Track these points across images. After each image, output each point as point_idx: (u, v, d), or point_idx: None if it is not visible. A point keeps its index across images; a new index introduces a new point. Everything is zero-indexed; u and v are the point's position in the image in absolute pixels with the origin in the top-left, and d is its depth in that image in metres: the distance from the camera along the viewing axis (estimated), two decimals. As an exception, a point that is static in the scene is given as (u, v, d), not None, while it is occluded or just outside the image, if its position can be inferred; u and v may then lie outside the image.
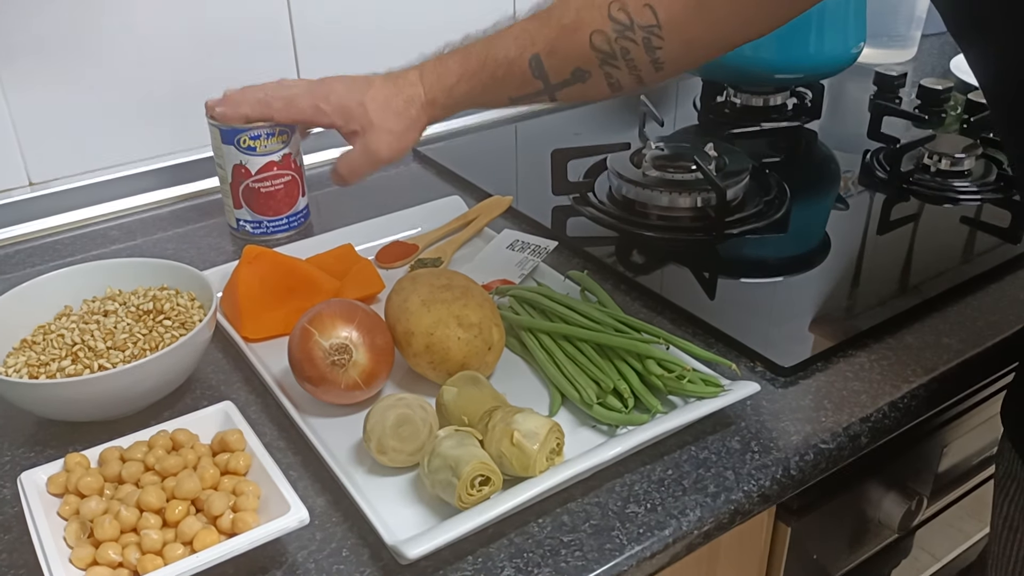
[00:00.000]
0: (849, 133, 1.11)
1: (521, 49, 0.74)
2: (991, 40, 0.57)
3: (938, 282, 0.79)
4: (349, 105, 0.79)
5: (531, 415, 0.58)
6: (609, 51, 0.70)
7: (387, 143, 0.79)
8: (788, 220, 0.90)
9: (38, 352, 0.65)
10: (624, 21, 0.68)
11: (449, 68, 0.78)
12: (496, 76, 0.75)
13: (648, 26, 0.68)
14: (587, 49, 0.71)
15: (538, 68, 0.73)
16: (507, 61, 0.74)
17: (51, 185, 0.92)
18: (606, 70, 0.71)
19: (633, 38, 0.69)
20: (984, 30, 0.57)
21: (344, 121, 0.80)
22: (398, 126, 0.79)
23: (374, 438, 0.58)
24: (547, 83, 0.74)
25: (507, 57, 0.74)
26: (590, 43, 0.70)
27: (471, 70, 0.76)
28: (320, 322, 0.63)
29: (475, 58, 0.76)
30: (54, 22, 0.87)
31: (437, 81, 0.78)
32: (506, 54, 0.74)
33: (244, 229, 0.89)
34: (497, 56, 0.75)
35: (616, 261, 0.84)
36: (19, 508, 0.57)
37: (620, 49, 0.70)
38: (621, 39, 0.69)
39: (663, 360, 0.64)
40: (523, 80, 0.75)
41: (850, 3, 1.06)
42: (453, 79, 0.77)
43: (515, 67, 0.74)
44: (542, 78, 0.74)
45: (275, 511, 0.53)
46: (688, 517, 0.57)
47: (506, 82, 0.75)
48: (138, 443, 0.58)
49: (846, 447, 0.64)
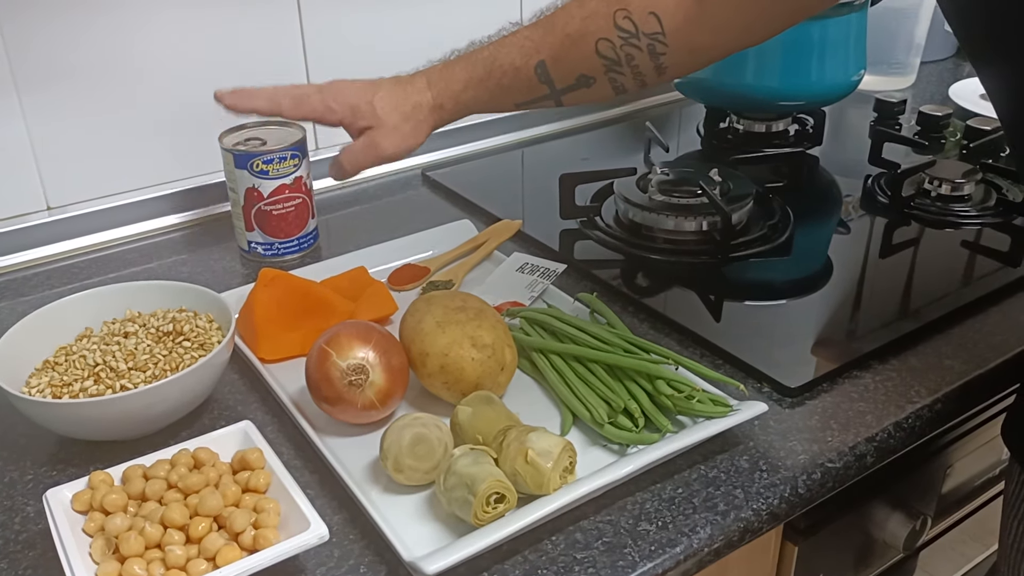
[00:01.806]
0: (850, 159, 1.13)
1: (526, 57, 0.75)
2: (1010, 59, 0.58)
3: (940, 305, 0.81)
4: (358, 104, 0.80)
5: (544, 434, 0.59)
6: (614, 58, 0.72)
7: (392, 140, 0.80)
8: (792, 244, 0.92)
9: (60, 372, 0.67)
10: (629, 29, 0.70)
11: (456, 75, 0.78)
12: (502, 83, 0.76)
13: (653, 34, 0.70)
14: (593, 56, 0.72)
15: (544, 74, 0.74)
16: (513, 68, 0.75)
17: (69, 209, 0.94)
18: (611, 76, 0.73)
19: (638, 45, 0.70)
20: (1003, 49, 0.58)
21: (353, 118, 0.80)
22: (405, 127, 0.80)
23: (391, 457, 0.60)
24: (553, 88, 0.75)
25: (513, 64, 0.75)
26: (596, 51, 0.72)
27: (477, 77, 0.77)
28: (337, 343, 0.64)
29: (481, 65, 0.77)
30: (74, 51, 0.90)
31: (445, 88, 0.79)
32: (511, 61, 0.75)
33: (255, 251, 0.90)
34: (503, 63, 0.76)
35: (623, 284, 0.86)
36: (43, 525, 0.59)
37: (625, 56, 0.71)
38: (626, 46, 0.71)
39: (672, 380, 0.66)
40: (529, 86, 0.76)
41: (851, 32, 1.08)
42: (460, 86, 0.78)
43: (521, 74, 0.75)
44: (548, 83, 0.75)
45: (295, 528, 0.55)
46: (699, 535, 0.58)
47: (512, 88, 0.77)
48: (161, 461, 0.59)
49: (852, 466, 0.65)
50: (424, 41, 1.09)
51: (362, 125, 0.81)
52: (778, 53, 1.06)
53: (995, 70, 0.60)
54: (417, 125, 0.80)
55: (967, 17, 0.59)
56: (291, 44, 1.02)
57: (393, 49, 1.08)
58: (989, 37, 0.58)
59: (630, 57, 0.71)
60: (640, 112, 1.29)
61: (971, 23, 0.59)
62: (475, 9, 1.12)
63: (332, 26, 1.04)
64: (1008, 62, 0.58)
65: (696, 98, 1.18)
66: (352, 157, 0.82)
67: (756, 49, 1.04)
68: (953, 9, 0.60)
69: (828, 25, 1.06)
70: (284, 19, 1.01)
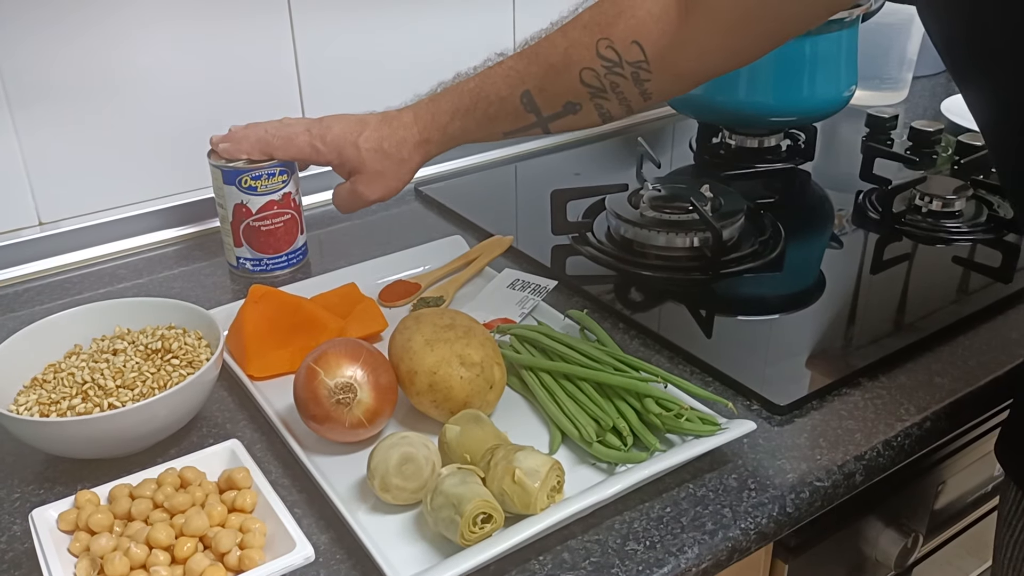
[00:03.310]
0: (842, 174, 1.13)
1: (512, 87, 0.76)
2: (992, 78, 0.58)
3: (930, 321, 0.81)
4: (343, 146, 0.83)
5: (532, 453, 0.59)
6: (599, 86, 0.72)
7: (374, 187, 0.84)
8: (783, 259, 0.92)
9: (48, 390, 0.67)
10: (612, 58, 0.71)
11: (442, 107, 0.80)
12: (489, 113, 0.78)
13: (636, 62, 0.70)
14: (577, 85, 0.73)
15: (530, 103, 0.75)
16: (499, 99, 0.76)
17: (60, 225, 0.94)
18: (596, 102, 0.73)
19: (622, 73, 0.71)
20: (984, 68, 0.58)
21: (338, 161, 0.84)
22: (389, 168, 0.83)
23: (378, 476, 0.60)
24: (540, 116, 0.76)
25: (499, 95, 0.76)
26: (580, 79, 0.73)
27: (464, 108, 0.79)
28: (325, 361, 0.64)
29: (468, 96, 0.78)
30: (66, 67, 0.90)
31: (432, 121, 0.81)
32: (497, 92, 0.76)
33: (244, 267, 0.90)
34: (489, 94, 0.77)
35: (614, 300, 0.86)
36: (29, 544, 0.58)
37: (610, 84, 0.72)
38: (610, 75, 0.71)
39: (661, 399, 0.66)
40: (516, 115, 0.77)
41: (842, 48, 1.09)
42: (447, 118, 0.80)
43: (507, 104, 0.76)
44: (534, 112, 0.76)
45: (281, 548, 0.54)
46: (687, 554, 0.58)
47: (499, 118, 0.78)
48: (147, 480, 0.59)
49: (841, 485, 0.65)
50: (416, 57, 1.10)
51: (349, 169, 0.84)
52: (770, 69, 1.06)
53: (977, 89, 0.61)
54: (402, 163, 0.82)
55: (950, 37, 0.60)
56: (283, 60, 1.02)
57: (385, 64, 1.09)
58: (971, 56, 0.59)
59: (615, 85, 0.72)
60: (633, 127, 1.29)
61: (954, 43, 0.60)
62: (467, 26, 1.12)
63: (325, 43, 1.04)
64: (989, 80, 0.58)
65: (688, 114, 1.18)
66: (342, 202, 0.87)
67: (748, 65, 1.06)
68: (936, 29, 0.61)
69: (819, 41, 1.06)
70: (277, 35, 1.01)
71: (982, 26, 0.56)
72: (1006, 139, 0.60)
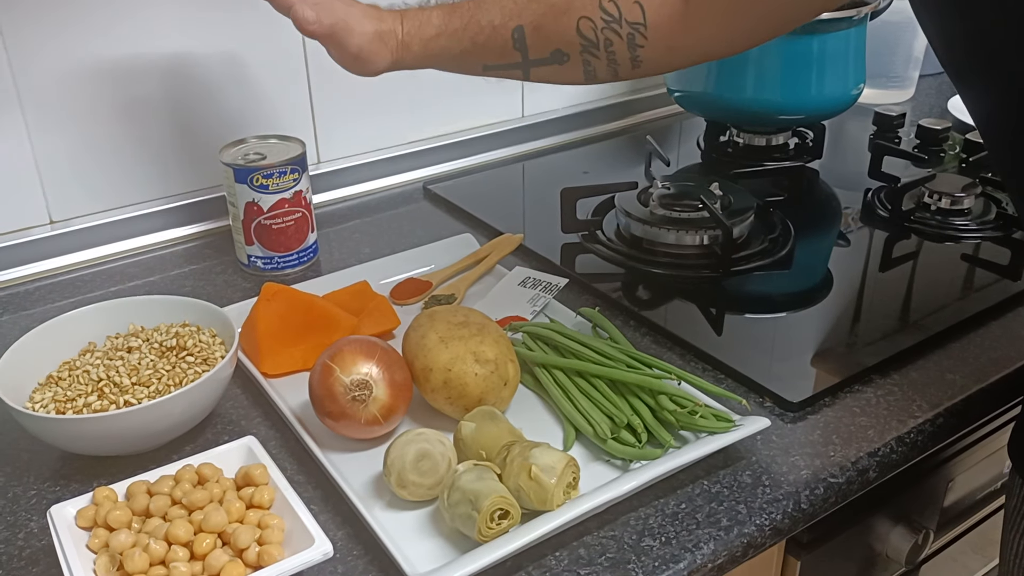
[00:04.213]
0: (850, 172, 1.13)
1: (506, 18, 0.73)
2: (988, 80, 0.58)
3: (940, 318, 0.81)
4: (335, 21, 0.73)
5: (548, 450, 0.59)
6: (593, 39, 0.71)
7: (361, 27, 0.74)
8: (792, 257, 0.92)
9: (64, 388, 0.67)
10: (613, 13, 0.70)
11: (431, 20, 0.75)
12: (477, 40, 0.74)
13: (635, 23, 0.70)
14: (572, 33, 0.72)
15: (520, 41, 0.73)
16: (491, 27, 0.73)
17: (72, 223, 0.94)
18: (585, 57, 0.73)
19: (619, 31, 0.71)
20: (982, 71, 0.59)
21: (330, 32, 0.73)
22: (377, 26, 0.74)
23: (394, 472, 0.60)
24: (525, 57, 0.74)
25: (491, 23, 0.73)
26: (576, 28, 0.72)
27: (453, 27, 0.75)
28: (341, 358, 0.64)
29: (459, 17, 0.75)
30: (77, 66, 0.90)
31: (417, 29, 0.75)
32: (491, 20, 0.74)
33: (255, 265, 0.90)
34: (481, 20, 0.74)
35: (625, 297, 0.86)
36: (46, 541, 0.59)
37: (604, 40, 0.71)
38: (607, 30, 0.71)
39: (675, 396, 0.66)
40: (503, 49, 0.74)
41: (850, 46, 1.09)
42: (433, 31, 0.75)
43: (498, 34, 0.74)
44: (522, 51, 0.74)
45: (299, 544, 0.55)
46: (702, 550, 0.58)
47: (486, 48, 0.75)
48: (165, 477, 0.59)
49: (855, 481, 0.65)
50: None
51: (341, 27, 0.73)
52: (778, 67, 1.07)
53: (976, 91, 0.61)
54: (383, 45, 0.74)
55: (950, 41, 0.60)
56: (294, 55, 1.02)
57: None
58: (967, 58, 0.59)
59: (608, 42, 0.71)
60: (641, 125, 1.29)
61: (953, 47, 0.60)
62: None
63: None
64: (986, 82, 0.58)
65: (696, 111, 1.18)
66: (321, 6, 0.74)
67: (756, 63, 1.07)
68: (935, 33, 0.61)
69: (828, 39, 1.06)
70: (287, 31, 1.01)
71: (977, 28, 0.56)
72: (1003, 139, 0.60)
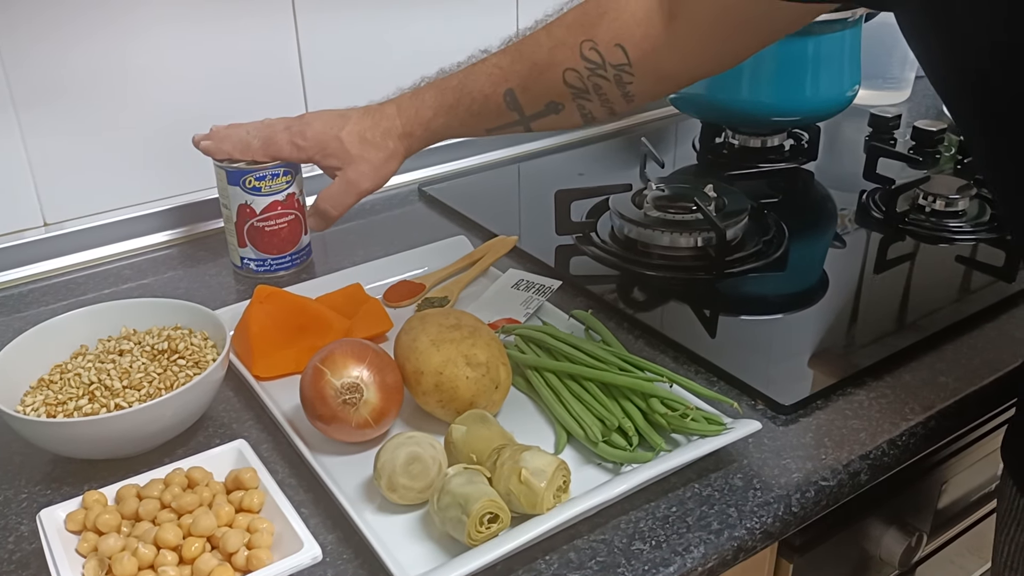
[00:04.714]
0: (846, 173, 1.13)
1: (495, 84, 0.76)
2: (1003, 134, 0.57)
3: (934, 320, 0.81)
4: (325, 141, 0.83)
5: (538, 453, 0.59)
6: (582, 87, 0.72)
7: (366, 174, 0.83)
8: (787, 259, 0.92)
9: (55, 391, 0.67)
10: (596, 60, 0.71)
11: (425, 102, 0.80)
12: (472, 110, 0.78)
13: (619, 65, 0.70)
14: (560, 85, 0.73)
15: (513, 102, 0.75)
16: (482, 96, 0.76)
17: (65, 226, 0.94)
18: (579, 103, 0.74)
19: (605, 75, 0.71)
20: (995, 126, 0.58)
21: (322, 156, 0.84)
22: (376, 157, 0.83)
23: (385, 476, 0.60)
24: (522, 115, 0.76)
25: (482, 92, 0.76)
26: (563, 80, 0.73)
27: (447, 104, 0.79)
28: (332, 361, 0.64)
29: (451, 93, 0.78)
30: (71, 69, 0.90)
31: (415, 115, 0.81)
32: (480, 89, 0.76)
33: (248, 267, 0.91)
34: (472, 91, 0.77)
35: (618, 300, 0.86)
36: (37, 545, 0.59)
37: (592, 86, 0.72)
38: (593, 76, 0.71)
39: (667, 399, 0.66)
40: (498, 113, 0.77)
41: (845, 48, 1.09)
42: (430, 113, 0.80)
43: (490, 101, 0.76)
44: (517, 110, 0.76)
45: (288, 548, 0.55)
46: (692, 554, 0.58)
47: (482, 115, 0.78)
48: (154, 481, 0.59)
49: (846, 484, 0.65)
50: (421, 53, 1.10)
51: (333, 164, 0.84)
52: (773, 69, 1.07)
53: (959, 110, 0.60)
54: (388, 154, 0.83)
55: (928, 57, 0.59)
56: (287, 59, 1.02)
57: (390, 61, 1.09)
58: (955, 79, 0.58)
59: (597, 87, 0.72)
60: (636, 127, 1.29)
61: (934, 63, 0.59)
62: (472, 21, 1.13)
63: (329, 42, 1.04)
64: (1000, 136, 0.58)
65: (692, 113, 1.18)
66: (332, 200, 0.85)
67: (751, 65, 1.07)
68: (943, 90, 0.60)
69: (823, 41, 1.06)
70: (280, 34, 1.01)
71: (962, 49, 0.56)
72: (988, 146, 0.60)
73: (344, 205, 0.86)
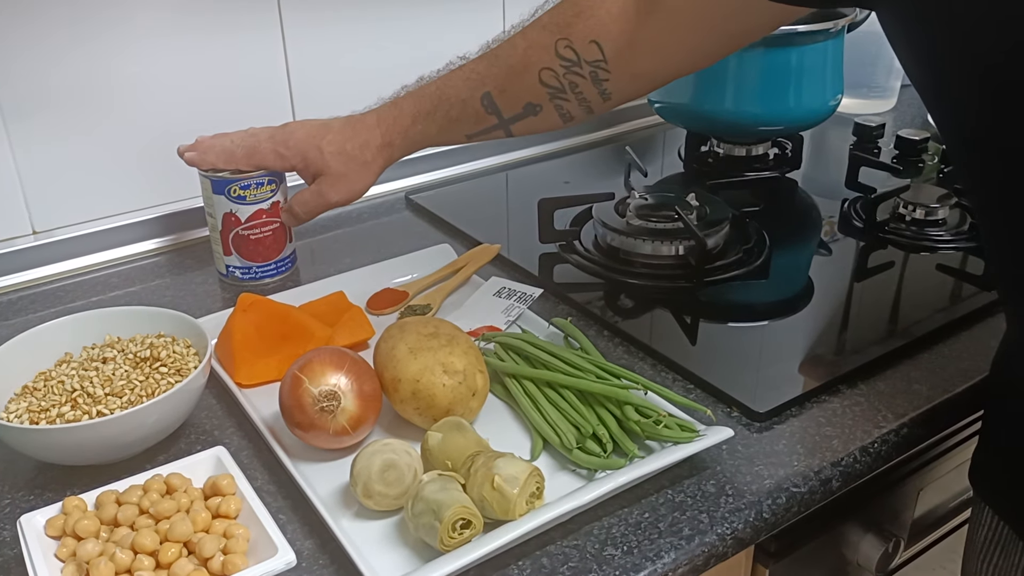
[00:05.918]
0: (830, 181, 1.14)
1: (472, 89, 0.77)
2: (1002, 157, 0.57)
3: (912, 329, 0.82)
4: (306, 150, 0.84)
5: (512, 460, 0.60)
6: (558, 86, 0.73)
7: (338, 188, 0.85)
8: (768, 267, 0.93)
9: (39, 398, 0.68)
10: (571, 57, 0.72)
11: (404, 111, 0.81)
12: (450, 115, 0.79)
13: (595, 61, 0.71)
14: (537, 85, 0.74)
15: (491, 105, 0.76)
16: (460, 101, 0.78)
17: (54, 234, 0.95)
18: (556, 103, 0.75)
19: (581, 73, 0.72)
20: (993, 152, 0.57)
21: (304, 165, 0.85)
22: (352, 171, 0.84)
23: (360, 482, 0.61)
24: (500, 118, 0.77)
25: (460, 98, 0.78)
26: (539, 80, 0.74)
27: (425, 111, 0.80)
28: (310, 369, 0.65)
29: (428, 100, 0.80)
30: (59, 78, 0.91)
31: (394, 124, 0.82)
32: (458, 95, 0.78)
33: (233, 275, 0.91)
34: (450, 97, 0.78)
35: (600, 308, 0.87)
36: (18, 550, 0.59)
37: (569, 84, 0.73)
38: (569, 74, 0.72)
39: (641, 406, 0.67)
40: (477, 117, 0.78)
41: (827, 58, 1.10)
42: (408, 120, 0.81)
43: (468, 106, 0.78)
44: (495, 114, 0.77)
45: (263, 554, 0.55)
46: (663, 560, 0.59)
47: (461, 121, 0.79)
48: (133, 487, 0.60)
49: (818, 491, 0.66)
50: (408, 60, 1.11)
51: (313, 172, 0.85)
52: (756, 79, 1.08)
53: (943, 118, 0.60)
54: (365, 166, 0.84)
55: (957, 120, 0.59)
56: (274, 67, 1.03)
57: (377, 69, 1.10)
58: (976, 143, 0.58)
59: (574, 85, 0.73)
60: (623, 136, 1.30)
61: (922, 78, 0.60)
62: (459, 27, 1.14)
63: (316, 53, 1.05)
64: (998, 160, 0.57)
65: (677, 123, 1.19)
66: (304, 205, 0.87)
67: (735, 75, 1.08)
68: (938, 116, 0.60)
69: (805, 52, 1.07)
70: (267, 43, 1.02)
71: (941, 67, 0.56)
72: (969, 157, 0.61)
73: (312, 212, 0.88)
